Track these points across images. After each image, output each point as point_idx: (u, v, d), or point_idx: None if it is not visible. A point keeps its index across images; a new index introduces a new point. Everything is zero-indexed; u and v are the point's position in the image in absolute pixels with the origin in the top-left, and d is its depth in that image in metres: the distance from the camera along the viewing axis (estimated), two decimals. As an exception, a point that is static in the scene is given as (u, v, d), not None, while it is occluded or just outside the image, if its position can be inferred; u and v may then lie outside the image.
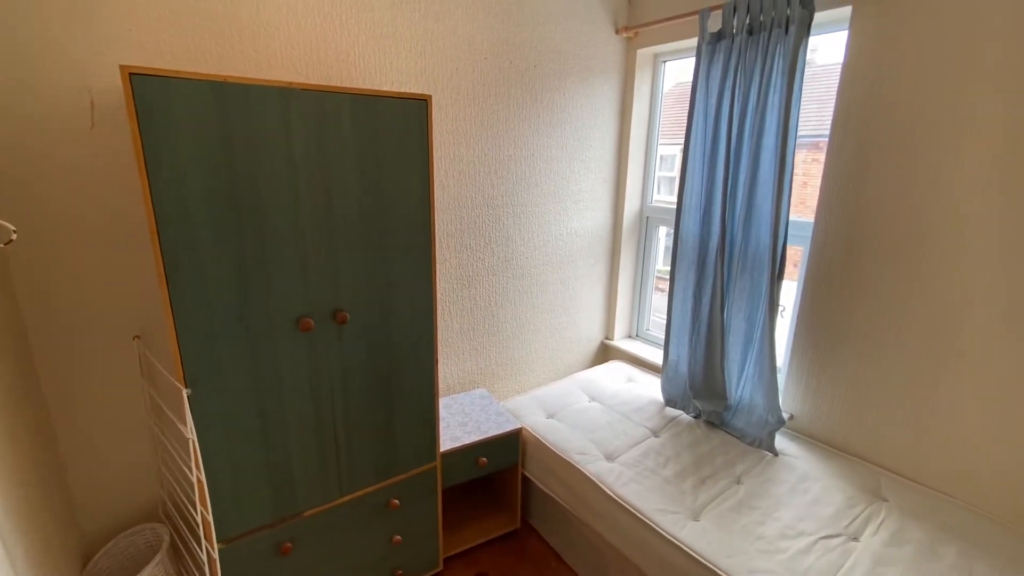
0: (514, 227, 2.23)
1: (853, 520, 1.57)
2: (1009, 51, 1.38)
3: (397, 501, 1.67)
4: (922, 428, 1.69)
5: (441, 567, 1.89)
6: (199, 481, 1.28)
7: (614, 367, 2.63)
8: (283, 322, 1.34)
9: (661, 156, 2.65)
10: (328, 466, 1.51)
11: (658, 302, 2.82)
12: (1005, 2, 1.37)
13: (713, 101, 1.94)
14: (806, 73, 1.70)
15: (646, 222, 2.69)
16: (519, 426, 1.98)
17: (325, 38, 1.64)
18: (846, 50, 1.71)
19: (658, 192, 2.71)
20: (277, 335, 1.34)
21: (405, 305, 1.53)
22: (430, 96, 1.42)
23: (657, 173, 2.65)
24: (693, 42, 2.15)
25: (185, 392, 1.23)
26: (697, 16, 1.95)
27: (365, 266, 1.43)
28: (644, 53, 2.39)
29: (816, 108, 2.01)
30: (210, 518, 1.32)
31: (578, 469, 1.81)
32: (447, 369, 2.21)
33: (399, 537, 1.70)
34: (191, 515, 1.42)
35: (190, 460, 1.26)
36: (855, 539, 1.51)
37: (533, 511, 2.16)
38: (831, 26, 1.84)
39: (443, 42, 1.87)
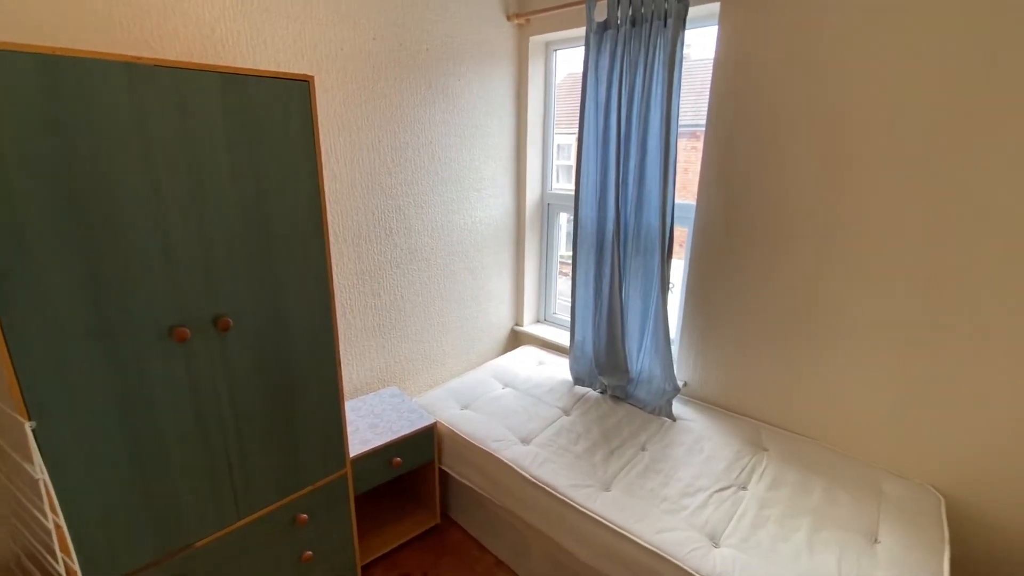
0: (416, 217, 2.17)
1: (741, 471, 1.75)
2: (856, 47, 1.58)
3: (305, 516, 1.56)
4: (790, 383, 1.92)
5: (359, 576, 1.81)
6: (57, 526, 1.10)
7: (525, 352, 2.68)
8: (151, 333, 1.17)
9: (558, 145, 2.72)
10: (221, 489, 1.37)
11: (563, 286, 2.91)
12: (856, 3, 1.56)
13: (603, 90, 2.01)
14: (685, 66, 1.82)
15: (547, 209, 2.75)
16: (433, 421, 1.94)
17: (182, 8, 1.44)
18: (716, 44, 1.85)
19: (557, 180, 2.78)
20: (145, 349, 1.17)
21: (299, 305, 1.42)
22: (312, 77, 1.31)
23: (556, 161, 2.72)
24: (582, 31, 2.21)
25: (28, 425, 1.03)
26: (584, 5, 2.01)
27: (248, 265, 1.30)
28: (536, 41, 2.42)
29: (694, 99, 2.17)
30: (76, 567, 1.14)
31: (495, 456, 1.82)
32: (353, 370, 2.11)
33: (310, 553, 1.60)
34: (51, 566, 1.21)
35: (43, 503, 1.07)
36: (744, 488, 1.68)
37: (452, 504, 2.15)
38: (705, 20, 1.98)
39: (325, 20, 1.74)
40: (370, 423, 1.90)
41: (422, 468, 2.05)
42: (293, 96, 1.29)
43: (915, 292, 1.60)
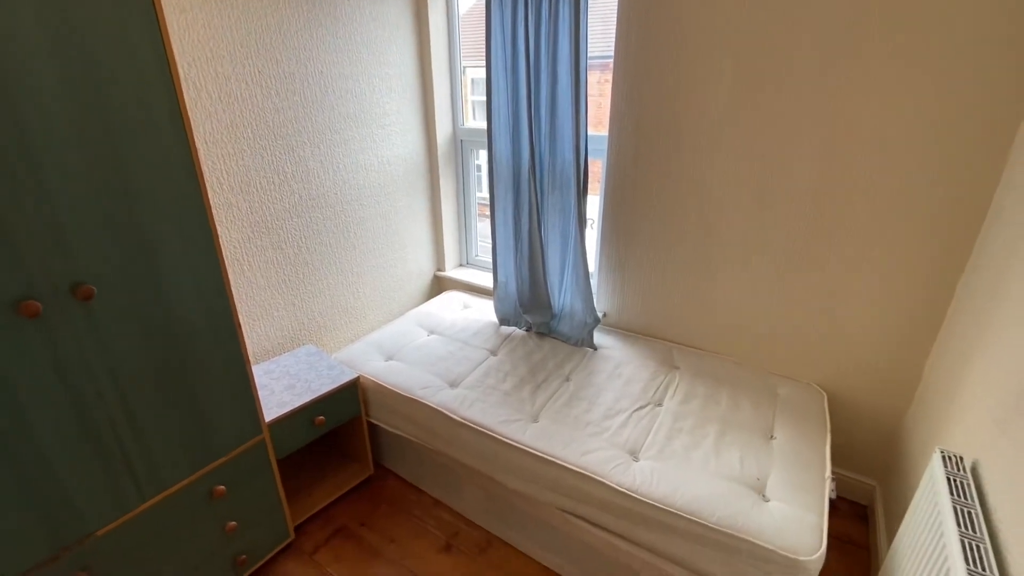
0: (313, 158, 1.96)
1: (656, 390, 1.87)
2: (745, -33, 1.56)
3: (223, 487, 1.47)
4: (696, 304, 2.04)
5: (292, 536, 1.77)
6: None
7: (449, 297, 2.64)
8: (-11, 311, 0.98)
9: (472, 79, 2.56)
10: (117, 473, 1.24)
11: (484, 228, 2.84)
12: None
13: (508, 13, 1.88)
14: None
15: (461, 146, 2.62)
16: (355, 376, 1.87)
17: None
18: (622, -39, 1.76)
19: (474, 118, 2.65)
20: (-15, 330, 0.99)
21: (181, 265, 1.25)
22: (155, -12, 1.08)
23: (471, 97, 2.56)
24: (482, -55, 2.02)
25: None
26: (482, -87, 1.82)
27: (107, 224, 1.11)
28: (433, -45, 2.18)
29: (603, 28, 2.09)
30: (-61, 582, 0.99)
31: (423, 403, 1.80)
32: (261, 331, 1.95)
33: (233, 523, 1.52)
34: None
35: None
36: (659, 404, 1.80)
37: (385, 454, 2.13)
38: (608, -64, 1.87)
39: (170, -81, 1.44)
40: (287, 384, 1.79)
41: (350, 423, 2.00)
42: (133, 12, 1.06)
43: (804, 217, 1.71)
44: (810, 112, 1.60)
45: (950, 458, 1.15)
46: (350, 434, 2.06)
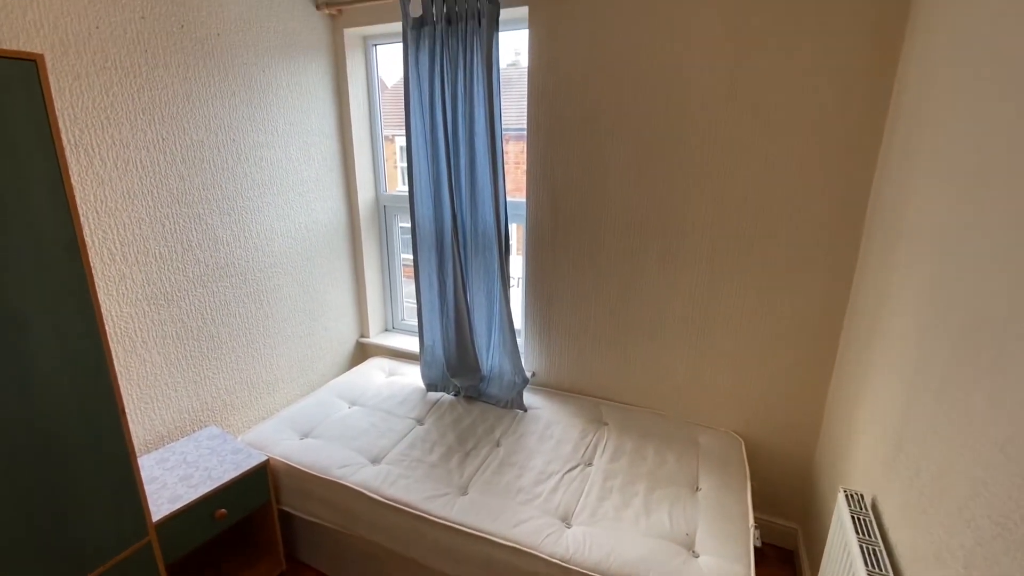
0: (222, 226, 1.87)
1: (586, 449, 1.85)
2: (646, 52, 1.76)
3: (92, 607, 1.24)
4: (619, 361, 2.10)
5: (183, 659, 1.51)
6: None
7: (374, 364, 2.53)
8: None
9: (401, 147, 2.61)
10: (-56, 607, 1.01)
11: (411, 292, 2.81)
12: (644, 13, 1.73)
13: (426, 87, 1.97)
14: (515, 72, 1.86)
15: (384, 211, 2.62)
16: (264, 459, 1.70)
17: None
18: (529, 48, 1.93)
19: (403, 184, 2.67)
20: None
21: (51, 346, 1.11)
22: (42, 56, 1.02)
23: (399, 163, 2.60)
24: (400, 26, 2.13)
25: None
26: (398, -1, 1.93)
27: (-41, 302, 0.97)
28: (352, 34, 2.27)
29: (519, 105, 2.24)
30: None
31: (341, 484, 1.67)
32: (155, 415, 1.75)
33: (105, 651, 1.27)
34: None
35: None
36: (589, 464, 1.78)
37: (300, 545, 1.92)
38: (519, 24, 2.05)
39: (67, -12, 1.39)
40: (182, 475, 1.59)
41: (257, 513, 1.79)
42: (13, 81, 0.99)
43: (702, 279, 1.85)
44: (700, 179, 1.77)
45: (852, 496, 1.22)
46: (259, 525, 1.84)
